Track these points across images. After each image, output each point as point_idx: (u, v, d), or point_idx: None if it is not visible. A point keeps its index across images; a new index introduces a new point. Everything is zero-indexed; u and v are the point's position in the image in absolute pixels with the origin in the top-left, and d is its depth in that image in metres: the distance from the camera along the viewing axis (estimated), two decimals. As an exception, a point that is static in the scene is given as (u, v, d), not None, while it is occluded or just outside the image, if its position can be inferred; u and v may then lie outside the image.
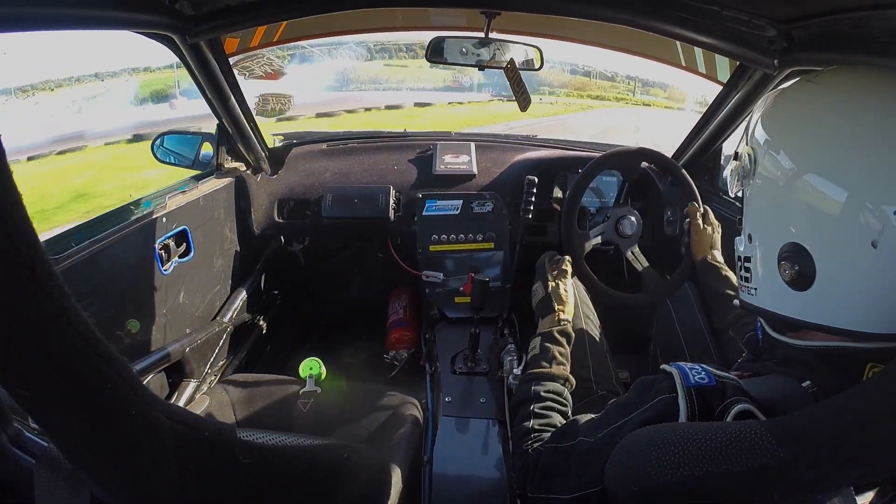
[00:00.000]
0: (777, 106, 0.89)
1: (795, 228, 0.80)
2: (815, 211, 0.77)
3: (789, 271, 0.80)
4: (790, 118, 0.86)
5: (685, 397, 0.75)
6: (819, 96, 0.84)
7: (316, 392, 1.58)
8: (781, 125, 0.86)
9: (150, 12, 1.26)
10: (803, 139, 0.81)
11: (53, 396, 0.38)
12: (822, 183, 0.76)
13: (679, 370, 0.79)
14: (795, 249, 0.79)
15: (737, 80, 1.68)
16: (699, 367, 0.80)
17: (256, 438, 0.53)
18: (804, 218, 0.79)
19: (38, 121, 11.47)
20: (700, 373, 0.78)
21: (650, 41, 1.73)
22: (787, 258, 0.80)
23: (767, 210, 0.86)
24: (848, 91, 0.82)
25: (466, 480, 1.33)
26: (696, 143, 2.01)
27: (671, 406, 0.76)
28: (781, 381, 0.80)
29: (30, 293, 0.35)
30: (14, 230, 0.34)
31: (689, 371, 0.79)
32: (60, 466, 0.56)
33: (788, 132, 0.85)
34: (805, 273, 0.78)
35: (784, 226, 0.82)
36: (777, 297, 0.84)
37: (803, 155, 0.80)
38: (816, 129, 0.80)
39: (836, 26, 1.15)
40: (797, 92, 0.88)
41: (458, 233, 1.98)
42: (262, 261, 2.30)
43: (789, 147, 0.83)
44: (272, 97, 3.38)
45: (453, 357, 1.72)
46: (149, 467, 0.43)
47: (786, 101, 0.89)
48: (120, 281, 1.40)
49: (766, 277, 0.86)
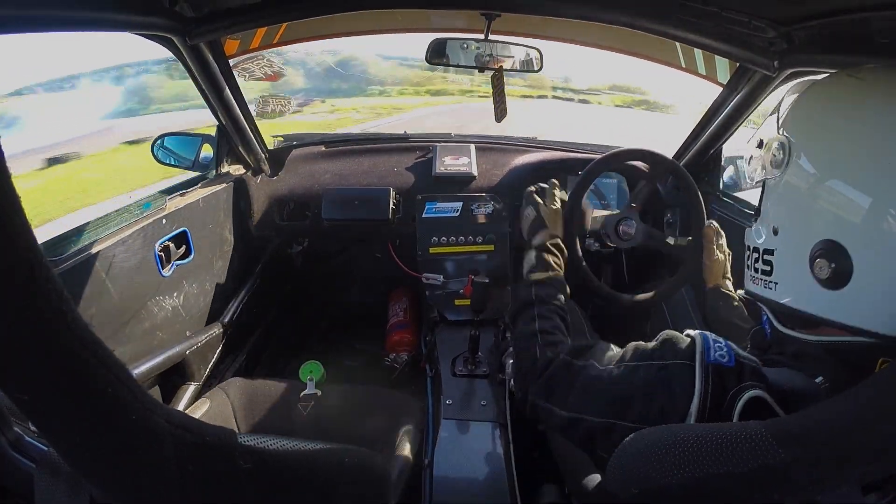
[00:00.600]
0: (816, 97, 0.87)
1: (833, 225, 0.78)
2: (858, 209, 0.75)
3: (826, 269, 0.77)
4: (833, 112, 0.83)
5: (702, 374, 0.75)
6: (864, 90, 0.81)
7: (316, 395, 1.58)
8: (822, 118, 0.84)
9: (150, 14, 1.26)
10: (849, 134, 0.79)
11: (53, 401, 0.38)
12: (867, 180, 0.74)
13: (703, 340, 0.80)
14: (832, 247, 0.77)
15: (737, 82, 1.68)
16: (723, 342, 0.80)
17: (257, 443, 0.53)
18: (845, 215, 0.76)
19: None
20: (722, 349, 0.78)
21: (650, 43, 1.73)
22: (822, 255, 0.78)
23: (802, 204, 0.83)
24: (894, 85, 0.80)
25: (467, 483, 1.33)
26: (697, 145, 2.00)
27: (685, 375, 0.77)
28: (796, 376, 0.80)
29: (28, 297, 0.35)
30: (13, 233, 0.33)
31: (712, 344, 0.79)
32: (60, 470, 0.56)
33: (831, 126, 0.82)
34: (841, 272, 0.76)
35: (820, 221, 0.79)
36: (802, 293, 0.82)
37: (849, 150, 0.78)
38: (862, 123, 0.78)
39: (837, 28, 1.15)
40: (838, 85, 0.86)
41: (458, 235, 1.98)
42: (261, 263, 2.30)
43: (832, 141, 0.80)
44: (272, 99, 3.39)
45: (454, 359, 1.71)
46: (149, 472, 0.42)
47: (827, 94, 0.86)
48: (119, 283, 1.39)
49: (793, 273, 0.84)
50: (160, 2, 1.26)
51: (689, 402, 0.75)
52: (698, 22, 1.35)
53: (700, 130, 1.96)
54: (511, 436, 1.43)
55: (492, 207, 2.00)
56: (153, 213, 1.54)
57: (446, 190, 2.05)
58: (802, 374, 0.79)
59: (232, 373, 2.03)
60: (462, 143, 2.28)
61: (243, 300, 2.10)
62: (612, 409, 0.84)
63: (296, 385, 1.61)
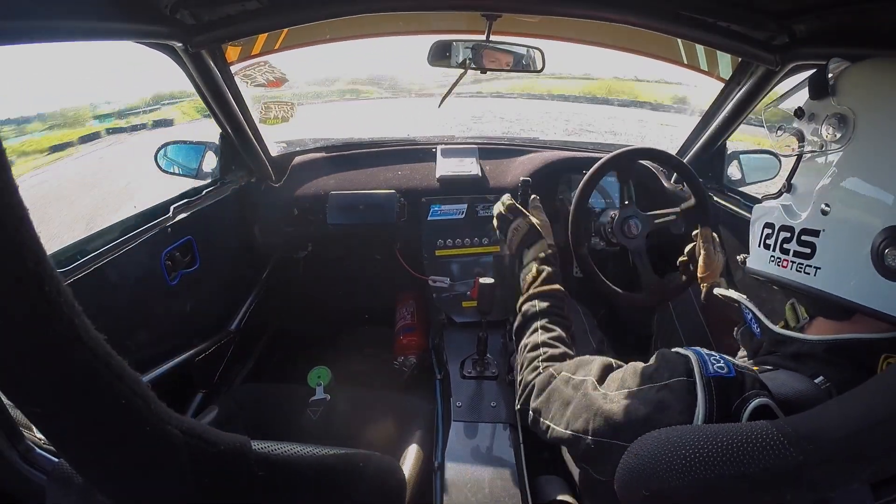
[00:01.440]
0: (886, 69, 0.81)
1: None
2: None
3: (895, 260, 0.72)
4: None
5: (704, 388, 0.73)
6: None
7: (325, 400, 1.57)
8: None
9: (152, 22, 1.26)
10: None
11: (66, 414, 0.37)
12: None
13: (697, 356, 0.77)
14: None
15: (739, 77, 1.68)
16: (717, 356, 0.78)
17: (271, 450, 0.53)
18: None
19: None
20: (719, 361, 0.76)
21: (652, 40, 1.73)
22: (891, 244, 0.72)
23: (866, 185, 0.77)
24: None
25: (478, 485, 1.32)
26: (700, 141, 2.00)
27: (688, 392, 0.74)
28: (794, 378, 0.78)
29: (39, 310, 0.34)
30: (21, 245, 0.33)
31: (707, 359, 0.77)
32: (72, 482, 0.56)
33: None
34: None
35: (887, 206, 0.74)
36: (855, 282, 0.77)
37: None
38: None
39: (838, 20, 1.14)
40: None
41: (464, 237, 1.97)
42: (267, 269, 2.30)
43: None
44: (275, 104, 3.37)
45: (462, 361, 1.71)
46: (164, 483, 0.42)
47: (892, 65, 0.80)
48: (127, 293, 1.39)
49: (846, 259, 0.78)
50: (161, 10, 1.27)
51: (692, 418, 0.73)
52: (699, 18, 1.35)
53: (703, 126, 1.96)
54: (521, 437, 1.42)
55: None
56: (159, 223, 1.54)
57: (451, 192, 2.04)
58: (801, 376, 0.78)
59: (240, 379, 2.03)
60: (465, 144, 2.27)
61: (250, 307, 2.10)
62: (612, 431, 0.82)
63: (305, 390, 1.61)
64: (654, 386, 0.80)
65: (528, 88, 14.36)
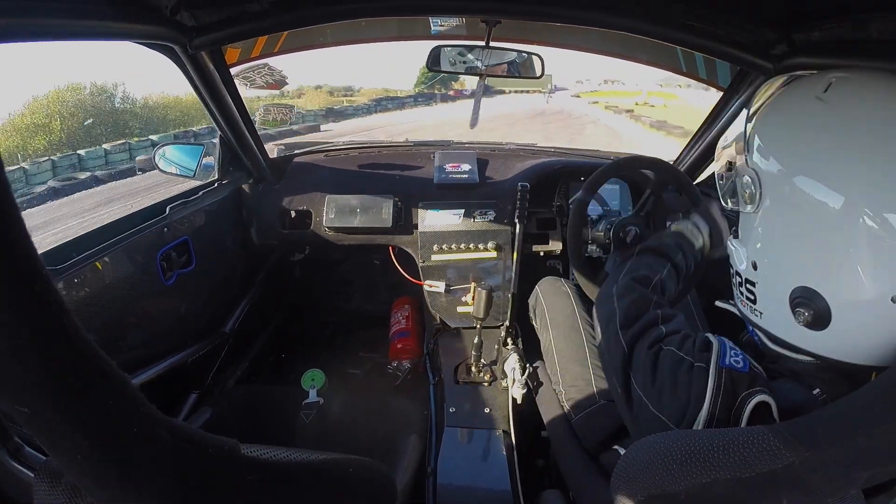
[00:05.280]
0: (787, 128, 0.81)
1: (811, 271, 0.75)
2: (837, 256, 0.72)
3: (806, 315, 0.75)
4: (803, 143, 0.77)
5: (715, 377, 0.75)
6: (836, 119, 0.74)
7: (318, 403, 1.57)
8: (791, 150, 0.78)
9: (152, 23, 1.26)
10: (822, 171, 0.73)
11: (53, 414, 0.37)
12: (848, 227, 0.70)
13: (720, 344, 0.79)
14: (809, 293, 0.75)
15: (738, 85, 1.68)
16: (738, 350, 0.79)
17: (261, 454, 0.52)
18: (823, 261, 0.74)
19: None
20: (738, 355, 0.78)
21: (651, 47, 1.73)
22: (801, 303, 0.76)
23: (777, 245, 0.81)
24: (868, 109, 0.73)
25: (471, 491, 1.32)
26: (698, 149, 2.00)
27: (701, 378, 0.76)
28: (794, 388, 0.80)
29: (28, 309, 0.34)
30: (12, 245, 0.33)
31: (728, 349, 0.78)
32: (60, 480, 0.56)
33: (802, 165, 0.76)
34: (821, 316, 0.74)
35: (797, 266, 0.77)
36: (786, 328, 0.81)
37: (827, 196, 0.72)
38: (842, 160, 0.71)
39: (836, 30, 1.15)
40: (803, 112, 0.79)
41: (461, 242, 1.97)
42: (263, 271, 2.30)
43: (809, 186, 0.74)
44: (274, 107, 3.39)
45: (456, 367, 1.71)
46: (150, 485, 0.42)
47: (793, 122, 0.80)
48: (121, 292, 1.39)
49: (775, 309, 0.82)
50: (161, 11, 1.27)
51: (701, 404, 0.75)
52: (699, 26, 1.35)
53: (701, 135, 1.96)
54: (515, 443, 1.42)
55: (494, 214, 1.99)
56: (155, 223, 1.54)
57: (448, 197, 2.04)
58: (800, 387, 0.80)
59: (234, 381, 2.02)
60: (463, 150, 2.28)
61: (245, 308, 2.09)
62: (647, 391, 0.83)
63: (298, 393, 1.60)
64: (685, 360, 0.81)
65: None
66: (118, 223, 1.47)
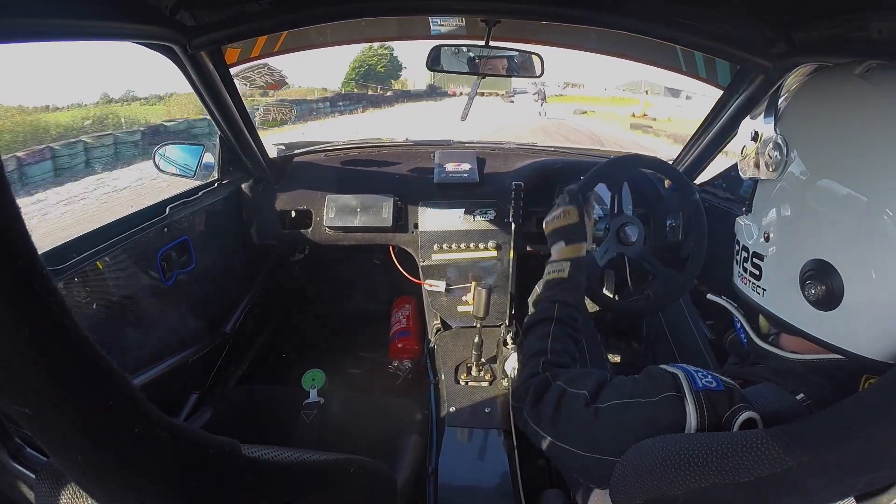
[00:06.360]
0: (819, 97, 0.80)
1: (829, 244, 0.73)
2: (860, 231, 0.70)
3: (815, 290, 0.74)
4: (838, 116, 0.76)
5: (694, 402, 0.73)
6: (879, 96, 0.73)
7: (319, 403, 1.57)
8: (825, 120, 0.77)
9: (151, 23, 1.26)
10: (853, 144, 0.72)
11: (53, 415, 0.37)
12: (874, 203, 0.68)
13: (685, 373, 0.77)
14: (823, 267, 0.73)
15: (738, 85, 1.68)
16: (704, 371, 0.78)
17: (262, 455, 0.52)
18: (843, 235, 0.71)
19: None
20: (706, 377, 0.76)
21: (650, 47, 1.73)
22: (813, 276, 0.74)
23: (796, 215, 0.78)
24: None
25: (472, 491, 1.32)
26: (698, 148, 2.00)
27: (677, 408, 0.74)
28: (776, 393, 0.79)
29: (28, 309, 0.34)
30: (12, 245, 0.33)
31: (694, 374, 0.77)
32: (61, 480, 0.56)
33: (834, 134, 0.75)
34: (832, 294, 0.72)
35: (814, 238, 0.75)
36: (790, 307, 0.79)
37: (858, 167, 0.71)
38: (869, 135, 0.70)
39: (836, 29, 1.15)
40: (843, 88, 0.78)
41: (461, 241, 1.97)
42: (263, 271, 2.30)
43: (833, 151, 0.74)
44: (274, 107, 3.38)
45: (457, 366, 1.71)
46: (151, 486, 0.42)
47: (832, 96, 0.79)
48: (121, 292, 1.39)
49: (781, 285, 0.80)
50: (161, 11, 1.27)
51: (682, 431, 0.73)
52: (699, 25, 1.35)
53: (701, 133, 1.96)
54: (515, 442, 1.42)
55: (494, 213, 1.99)
56: (155, 223, 1.54)
57: (448, 196, 2.04)
58: (782, 392, 0.78)
59: (235, 381, 2.02)
60: (463, 149, 2.28)
61: (246, 308, 2.09)
62: (601, 447, 0.81)
63: (299, 393, 1.60)
64: (643, 402, 0.79)
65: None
66: (118, 223, 1.46)
